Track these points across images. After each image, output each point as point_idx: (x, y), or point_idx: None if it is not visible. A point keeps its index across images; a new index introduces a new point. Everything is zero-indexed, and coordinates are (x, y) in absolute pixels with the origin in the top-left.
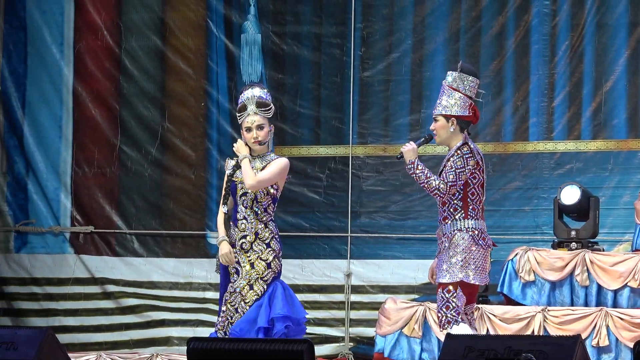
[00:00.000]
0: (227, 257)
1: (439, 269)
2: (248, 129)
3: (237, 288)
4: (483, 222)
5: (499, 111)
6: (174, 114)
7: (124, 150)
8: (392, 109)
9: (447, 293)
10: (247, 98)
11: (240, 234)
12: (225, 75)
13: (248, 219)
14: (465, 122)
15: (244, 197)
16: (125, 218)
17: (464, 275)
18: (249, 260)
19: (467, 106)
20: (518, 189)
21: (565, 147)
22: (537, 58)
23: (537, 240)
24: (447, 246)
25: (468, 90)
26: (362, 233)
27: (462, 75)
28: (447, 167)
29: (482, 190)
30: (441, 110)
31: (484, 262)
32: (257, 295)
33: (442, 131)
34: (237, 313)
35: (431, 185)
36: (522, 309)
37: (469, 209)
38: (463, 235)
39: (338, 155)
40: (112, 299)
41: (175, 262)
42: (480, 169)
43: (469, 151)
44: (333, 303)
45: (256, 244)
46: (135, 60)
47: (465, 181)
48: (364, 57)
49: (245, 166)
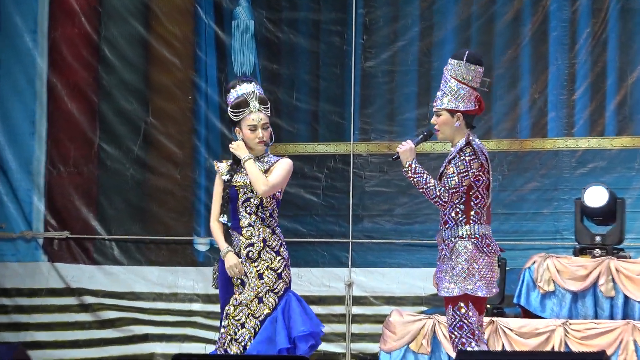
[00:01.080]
0: (236, 269)
1: (441, 281)
2: (252, 127)
3: (243, 301)
4: (487, 227)
5: (515, 105)
6: (158, 107)
7: (103, 147)
8: (397, 102)
9: (459, 311)
10: (248, 93)
11: (247, 242)
12: (214, 65)
13: (255, 226)
14: (471, 116)
15: (247, 203)
16: (105, 222)
17: (470, 287)
18: (257, 271)
19: (472, 99)
20: (536, 190)
21: (588, 144)
22: (556, 46)
23: (557, 247)
24: (448, 255)
25: (473, 81)
26: (365, 239)
27: (467, 65)
28: (449, 171)
29: (487, 193)
30: (446, 104)
31: (490, 270)
32: (268, 309)
33: (445, 127)
34: (243, 328)
35: (431, 192)
36: (540, 323)
37: (472, 213)
38: (464, 243)
39: (338, 153)
40: (89, 312)
41: (159, 270)
42: (484, 170)
43: (472, 153)
44: (333, 316)
45: (265, 252)
46: (116, 48)
47: (468, 185)
48: (366, 45)
49: (254, 170)
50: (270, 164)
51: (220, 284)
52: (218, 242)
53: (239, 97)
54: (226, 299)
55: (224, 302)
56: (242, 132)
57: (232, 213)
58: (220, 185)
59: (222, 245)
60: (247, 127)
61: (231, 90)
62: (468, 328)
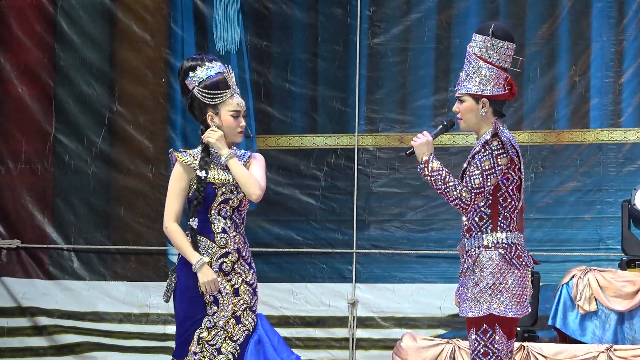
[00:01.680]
0: (213, 285)
1: (463, 298)
2: (235, 113)
3: (218, 322)
4: (519, 235)
5: (551, 90)
6: (125, 92)
7: (60, 140)
8: (410, 86)
9: (483, 335)
10: (225, 72)
11: (220, 252)
12: (193, 42)
13: (229, 232)
14: (500, 102)
15: (224, 205)
16: (62, 229)
17: (495, 306)
18: (231, 286)
19: (501, 82)
20: (576, 190)
21: (637, 137)
22: (600, 20)
23: (600, 259)
24: (471, 268)
25: (502, 60)
26: (372, 248)
27: (494, 40)
28: (472, 167)
29: (519, 194)
30: (469, 89)
31: (521, 287)
32: (248, 331)
33: (469, 115)
34: (220, 354)
35: (452, 194)
36: (580, 348)
37: (500, 219)
38: (490, 254)
39: (340, 146)
40: (44, 335)
41: (127, 286)
42: (515, 167)
43: (500, 146)
44: (334, 340)
45: (239, 265)
46: (75, 22)
47: (495, 184)
48: (373, 18)
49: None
50: (243, 159)
51: (183, 300)
52: (184, 249)
53: (214, 76)
54: (195, 321)
55: (190, 324)
56: (221, 118)
57: (199, 215)
58: (183, 179)
59: (194, 255)
60: (230, 112)
61: (197, 69)
62: (494, 355)
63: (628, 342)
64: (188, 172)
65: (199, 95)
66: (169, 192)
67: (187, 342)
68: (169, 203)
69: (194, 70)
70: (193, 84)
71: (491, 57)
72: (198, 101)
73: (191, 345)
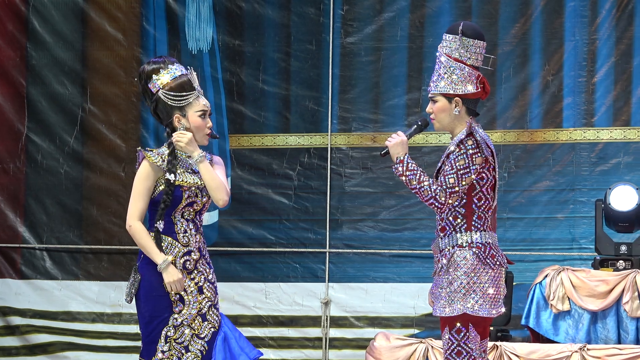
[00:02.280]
0: (180, 283)
1: (437, 298)
2: (202, 113)
3: (184, 320)
4: (493, 235)
5: (524, 89)
6: (98, 92)
7: (32, 139)
8: (383, 85)
9: (457, 334)
10: (188, 74)
11: (183, 250)
12: (165, 41)
13: (190, 233)
14: (473, 100)
15: (188, 209)
16: (34, 229)
17: (469, 305)
18: (195, 284)
19: (473, 80)
20: (549, 190)
21: (610, 136)
22: (573, 19)
23: (573, 258)
24: (445, 267)
25: (473, 59)
26: (345, 248)
27: (464, 39)
28: (446, 167)
29: (493, 194)
30: (441, 89)
31: (495, 286)
32: (214, 328)
33: (442, 115)
34: (188, 352)
35: (426, 193)
36: (553, 348)
37: (474, 218)
38: (464, 253)
39: (313, 146)
40: (17, 335)
41: (99, 286)
42: (490, 167)
43: (475, 145)
44: (307, 340)
45: (201, 263)
46: (48, 21)
47: (470, 184)
48: (346, 17)
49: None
50: None
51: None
52: (148, 249)
53: (178, 77)
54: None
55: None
56: (189, 119)
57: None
58: (150, 179)
59: (159, 255)
60: (197, 112)
61: (161, 72)
62: (468, 354)
63: (601, 342)
64: (156, 172)
65: (165, 97)
66: (134, 190)
67: (154, 341)
68: (134, 202)
69: (157, 73)
70: (157, 87)
71: (462, 56)
72: (163, 104)
73: (158, 344)
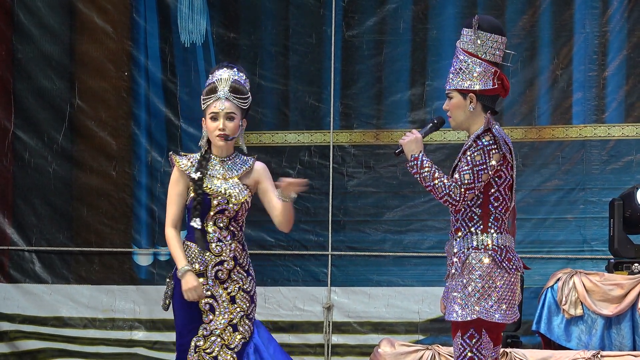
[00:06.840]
0: (196, 292)
1: (449, 301)
2: (214, 116)
3: (214, 330)
4: (509, 238)
5: (532, 84)
6: (86, 87)
7: (19, 136)
8: (386, 80)
9: (470, 340)
10: (219, 79)
11: (215, 260)
12: (156, 34)
13: (224, 242)
14: (491, 97)
15: (220, 216)
16: (23, 230)
17: (484, 310)
18: (227, 293)
19: (490, 76)
20: (558, 189)
21: (622, 133)
22: (583, 11)
23: (586, 260)
24: (459, 270)
25: (490, 54)
26: (347, 250)
27: (481, 33)
28: (463, 163)
29: (511, 194)
30: (456, 84)
31: (511, 291)
32: (244, 339)
33: (457, 112)
34: None
35: (440, 190)
36: (566, 354)
37: (490, 219)
38: (479, 255)
39: (314, 144)
40: (5, 341)
41: (91, 290)
42: (508, 165)
43: (492, 141)
44: (308, 346)
45: (236, 272)
46: (34, 13)
47: (487, 182)
48: (348, 9)
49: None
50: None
51: (181, 309)
52: (175, 255)
53: (209, 83)
54: (192, 328)
55: (187, 332)
56: (206, 122)
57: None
58: (180, 184)
59: (182, 262)
60: (209, 115)
61: (209, 77)
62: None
63: (615, 348)
64: (184, 177)
65: None
66: (168, 196)
67: (186, 351)
68: (167, 208)
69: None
70: None
71: (477, 50)
72: None
73: (188, 353)
